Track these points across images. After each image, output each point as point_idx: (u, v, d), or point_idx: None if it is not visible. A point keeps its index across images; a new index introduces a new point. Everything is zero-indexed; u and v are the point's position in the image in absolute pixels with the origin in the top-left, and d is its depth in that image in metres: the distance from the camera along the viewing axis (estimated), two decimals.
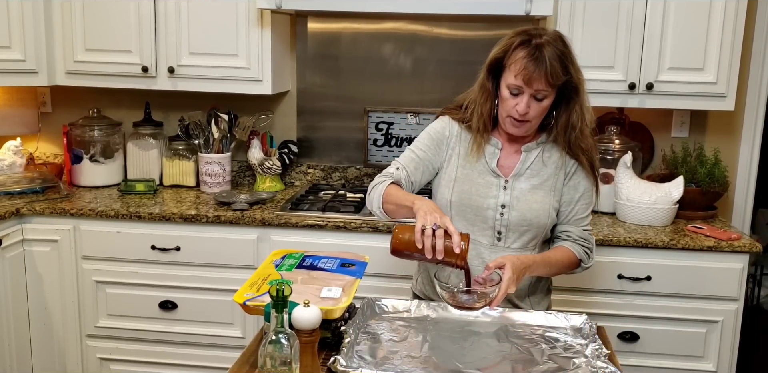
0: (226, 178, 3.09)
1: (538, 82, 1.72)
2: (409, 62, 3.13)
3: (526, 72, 1.71)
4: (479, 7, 2.60)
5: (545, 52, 1.71)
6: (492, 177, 1.88)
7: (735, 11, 2.63)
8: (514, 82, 1.75)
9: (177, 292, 2.77)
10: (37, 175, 3.06)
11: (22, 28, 2.89)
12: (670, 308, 2.57)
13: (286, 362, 1.35)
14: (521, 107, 1.76)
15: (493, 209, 1.87)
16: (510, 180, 1.88)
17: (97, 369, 2.88)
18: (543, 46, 1.71)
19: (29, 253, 2.79)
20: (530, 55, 1.72)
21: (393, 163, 1.95)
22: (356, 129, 3.20)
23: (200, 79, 2.92)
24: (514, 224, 1.87)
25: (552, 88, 1.75)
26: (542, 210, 1.87)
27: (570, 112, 1.81)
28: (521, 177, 1.88)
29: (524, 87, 1.74)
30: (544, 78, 1.71)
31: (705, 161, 2.82)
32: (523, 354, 1.61)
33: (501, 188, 1.87)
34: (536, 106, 1.77)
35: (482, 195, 1.87)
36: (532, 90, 1.74)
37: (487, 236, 1.89)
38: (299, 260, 1.84)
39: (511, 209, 1.86)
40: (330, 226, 2.65)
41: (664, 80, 2.70)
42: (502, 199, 1.87)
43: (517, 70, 1.73)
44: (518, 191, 1.87)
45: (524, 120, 1.79)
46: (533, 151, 1.89)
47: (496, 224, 1.87)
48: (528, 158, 1.89)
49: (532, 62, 1.71)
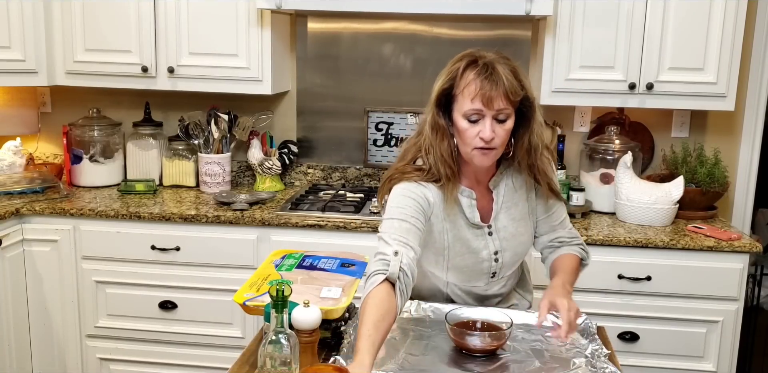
0: (226, 179, 3.09)
1: (498, 100, 1.58)
2: (409, 62, 3.13)
3: (484, 92, 1.58)
4: (479, 7, 2.60)
5: (498, 68, 1.59)
6: (476, 229, 1.76)
7: (735, 11, 2.63)
8: (472, 107, 1.60)
9: (177, 292, 2.77)
10: (37, 175, 3.06)
11: (22, 28, 2.89)
12: (670, 308, 2.57)
13: (286, 363, 1.35)
14: (486, 133, 1.60)
15: (488, 259, 1.78)
16: (492, 223, 1.77)
17: (97, 369, 2.88)
18: (493, 63, 1.60)
19: (29, 253, 2.79)
20: (483, 74, 1.59)
21: (387, 239, 1.60)
22: (356, 129, 3.20)
23: (200, 79, 2.92)
24: (509, 262, 1.81)
25: (512, 105, 1.62)
26: (527, 236, 1.82)
27: (530, 132, 1.68)
28: (499, 215, 1.78)
29: (484, 109, 1.59)
30: (503, 95, 1.58)
31: (705, 161, 2.82)
32: (523, 354, 1.61)
33: (487, 235, 1.77)
34: (500, 131, 1.62)
35: (473, 251, 1.77)
36: (493, 111, 1.60)
37: (483, 279, 1.82)
38: (299, 260, 1.84)
39: (504, 252, 1.79)
40: (330, 226, 2.65)
41: (664, 80, 2.70)
42: (493, 246, 1.78)
43: (473, 92, 1.59)
44: (503, 231, 1.78)
45: (491, 147, 1.63)
46: (501, 185, 1.78)
47: (492, 268, 1.80)
48: (499, 194, 1.77)
49: (487, 81, 1.58)
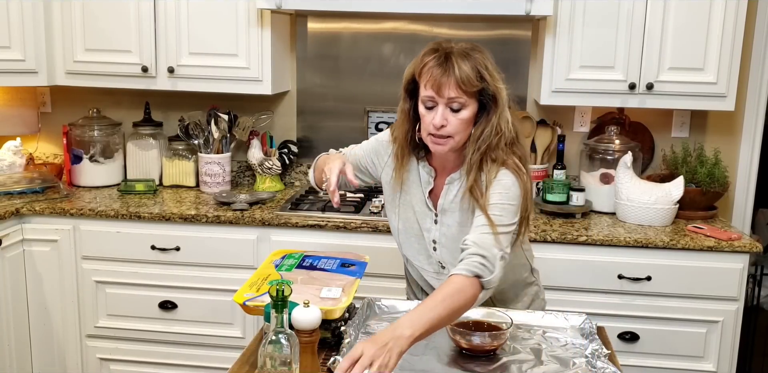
0: (226, 179, 3.09)
1: (448, 88, 1.59)
2: (409, 62, 3.12)
3: (434, 79, 1.60)
4: (479, 7, 2.60)
5: (453, 58, 1.60)
6: (427, 208, 1.79)
7: (735, 11, 2.63)
8: (426, 94, 1.63)
9: (177, 292, 2.77)
10: (36, 175, 3.06)
11: (22, 28, 2.89)
12: (670, 308, 2.57)
13: (286, 363, 1.35)
14: (436, 119, 1.61)
15: (429, 243, 1.81)
16: (439, 214, 1.77)
17: (97, 369, 2.88)
18: (451, 52, 1.61)
19: (29, 253, 2.79)
20: (437, 62, 1.61)
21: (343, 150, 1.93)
22: (356, 129, 3.20)
23: (200, 79, 2.92)
24: (448, 260, 1.79)
25: (467, 96, 1.61)
26: None
27: (487, 124, 1.65)
28: (447, 212, 1.76)
29: (436, 96, 1.61)
30: (455, 84, 1.59)
31: (705, 161, 2.82)
32: (523, 354, 1.61)
33: (433, 222, 1.79)
34: (454, 119, 1.62)
35: (422, 227, 1.80)
36: (445, 99, 1.61)
37: (432, 264, 1.84)
38: (299, 260, 1.84)
39: (441, 246, 1.79)
40: (330, 226, 2.65)
41: (664, 80, 2.69)
42: (434, 234, 1.79)
43: (426, 79, 1.62)
44: (446, 227, 1.76)
45: (443, 135, 1.64)
46: (455, 183, 1.75)
47: (434, 255, 1.82)
48: (450, 191, 1.75)
49: (440, 69, 1.60)
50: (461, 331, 1.60)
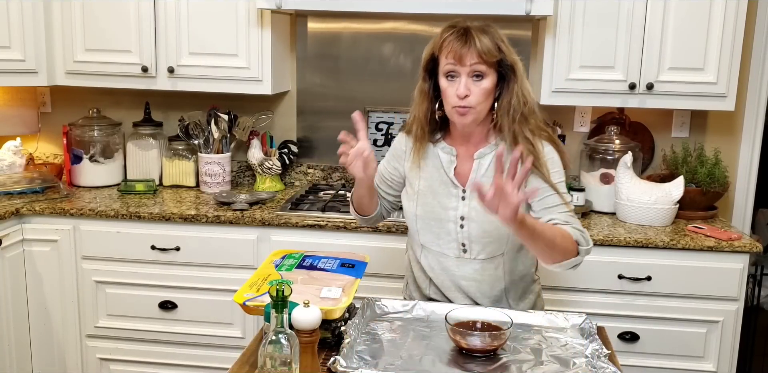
0: (226, 179, 3.09)
1: (469, 56, 1.69)
2: (409, 62, 3.13)
3: (455, 51, 1.70)
4: (479, 7, 2.60)
5: (472, 31, 1.71)
6: (451, 187, 1.83)
7: (735, 11, 2.63)
8: (447, 63, 1.72)
9: (177, 292, 2.77)
10: (36, 175, 3.06)
11: (22, 28, 2.89)
12: (670, 308, 2.57)
13: (286, 363, 1.35)
14: (461, 89, 1.71)
15: (453, 221, 1.81)
16: (468, 190, 1.81)
17: (97, 369, 2.88)
18: (469, 28, 1.72)
19: (29, 253, 2.79)
20: (457, 36, 1.72)
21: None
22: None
23: (200, 79, 2.92)
24: (476, 236, 1.81)
25: (487, 65, 1.71)
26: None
27: (510, 94, 1.75)
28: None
29: (457, 65, 1.71)
30: (476, 54, 1.69)
31: (705, 161, 2.82)
32: (523, 354, 1.61)
33: (460, 199, 1.82)
34: (476, 89, 1.72)
35: (444, 206, 1.82)
36: (467, 67, 1.70)
37: (453, 248, 1.84)
38: (299, 260, 1.84)
39: (470, 221, 1.80)
40: (330, 226, 2.65)
41: (664, 80, 2.70)
42: (461, 211, 1.81)
43: (448, 51, 1.72)
44: (476, 201, 1.71)
45: (467, 105, 1.73)
46: (487, 157, 1.82)
47: (459, 236, 1.83)
48: (481, 166, 1.81)
49: (461, 40, 1.71)
50: (461, 331, 1.60)
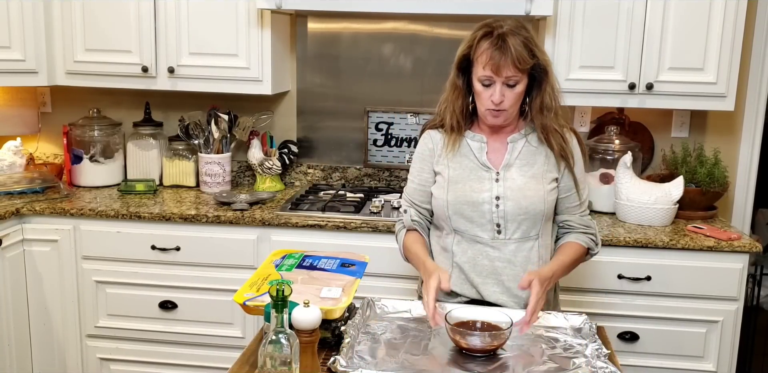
0: (226, 179, 3.09)
1: (506, 69, 1.77)
2: (409, 62, 3.13)
3: (493, 62, 1.77)
4: (479, 7, 2.60)
5: (509, 40, 1.76)
6: (483, 171, 1.91)
7: (735, 11, 2.62)
8: (484, 74, 1.80)
9: (177, 292, 2.77)
10: (37, 175, 3.06)
11: (22, 28, 2.89)
12: (670, 308, 2.57)
13: (286, 362, 1.35)
14: (496, 97, 1.80)
15: (488, 202, 1.88)
16: (501, 171, 1.90)
17: (97, 369, 2.88)
18: (505, 34, 1.77)
19: (29, 253, 2.79)
20: (494, 45, 1.77)
21: (402, 201, 2.07)
22: (356, 129, 3.20)
23: (200, 79, 2.92)
24: (511, 214, 1.87)
25: (521, 73, 1.79)
26: (537, 197, 1.87)
27: (542, 93, 1.86)
28: (512, 168, 1.90)
29: (494, 76, 1.79)
30: (512, 64, 1.76)
31: (705, 161, 2.82)
32: (523, 354, 1.61)
33: (493, 181, 1.89)
34: (510, 94, 1.82)
35: (476, 190, 1.89)
36: (503, 78, 1.79)
37: (487, 230, 1.89)
38: (299, 260, 1.84)
39: (506, 200, 1.87)
40: (330, 226, 2.65)
41: (664, 80, 2.70)
42: (496, 191, 1.88)
43: (484, 61, 1.78)
44: (510, 181, 1.89)
45: (501, 109, 1.83)
46: (519, 142, 1.92)
47: (494, 216, 1.88)
48: (515, 148, 1.92)
49: (498, 51, 1.77)
50: (461, 331, 1.60)
